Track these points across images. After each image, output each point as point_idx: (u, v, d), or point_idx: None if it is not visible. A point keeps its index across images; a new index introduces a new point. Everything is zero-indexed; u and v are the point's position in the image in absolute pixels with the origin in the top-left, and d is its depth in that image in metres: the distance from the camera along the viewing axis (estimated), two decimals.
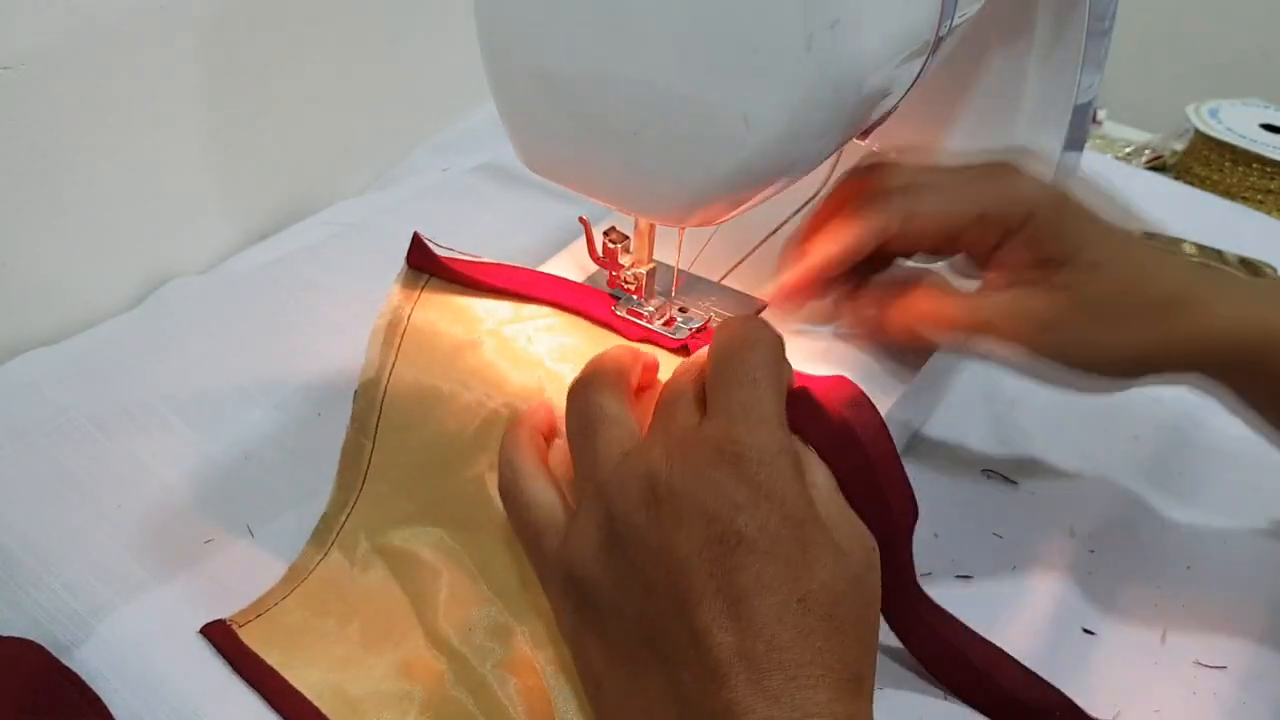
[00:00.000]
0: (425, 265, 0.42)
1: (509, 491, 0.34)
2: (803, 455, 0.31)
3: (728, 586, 0.28)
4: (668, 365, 0.39)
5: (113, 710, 0.36)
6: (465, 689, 0.36)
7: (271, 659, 0.37)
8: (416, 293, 0.42)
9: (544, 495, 0.33)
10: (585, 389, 0.34)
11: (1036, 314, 0.39)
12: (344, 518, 0.41)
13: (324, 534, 0.41)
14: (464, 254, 0.42)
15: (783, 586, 0.28)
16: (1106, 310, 0.39)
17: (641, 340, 0.41)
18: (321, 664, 0.37)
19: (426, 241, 0.41)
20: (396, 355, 0.40)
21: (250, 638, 0.38)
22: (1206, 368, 0.40)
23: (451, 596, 0.38)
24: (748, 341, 0.32)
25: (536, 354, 0.40)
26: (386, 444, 0.40)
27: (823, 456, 0.32)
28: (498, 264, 0.43)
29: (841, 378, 0.35)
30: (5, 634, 0.38)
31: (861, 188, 0.42)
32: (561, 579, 0.31)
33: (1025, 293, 0.39)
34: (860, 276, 0.43)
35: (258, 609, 0.39)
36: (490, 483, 0.37)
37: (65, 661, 0.37)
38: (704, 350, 0.34)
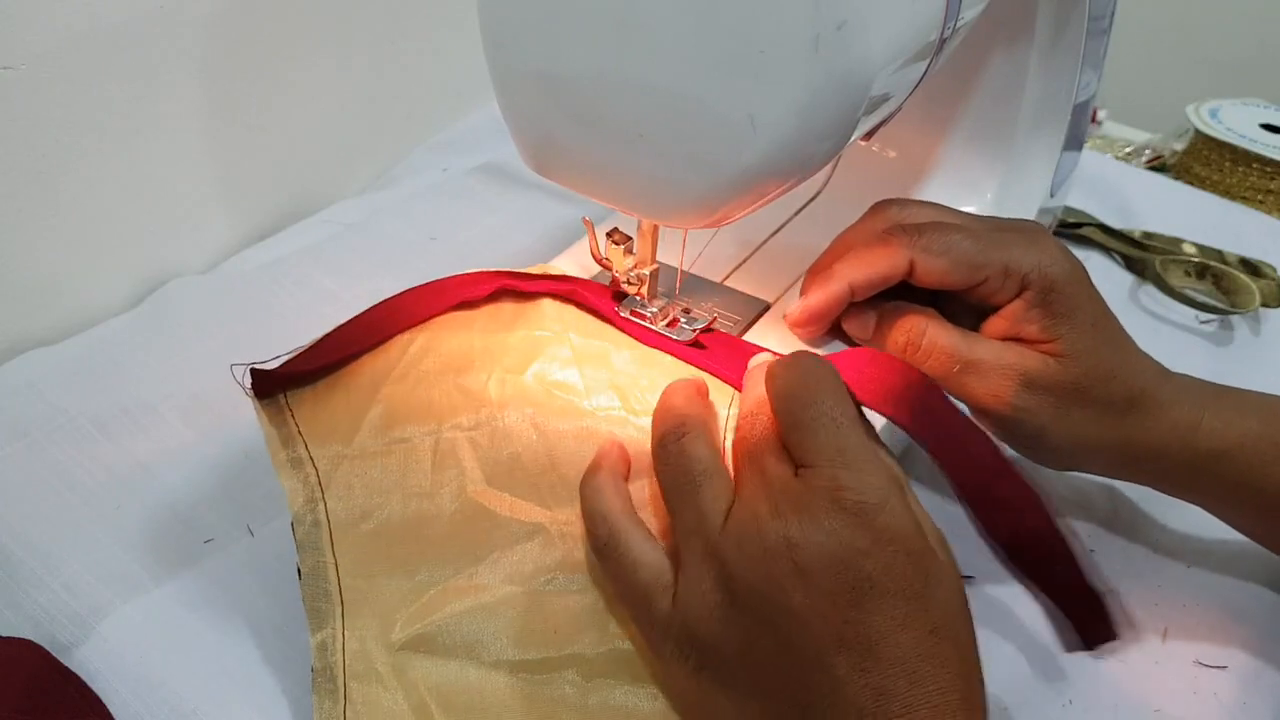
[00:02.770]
0: (273, 387, 0.39)
1: (609, 551, 0.33)
2: (901, 480, 0.32)
3: (865, 632, 0.28)
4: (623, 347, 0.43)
5: (113, 710, 0.36)
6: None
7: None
8: (287, 411, 0.39)
9: (650, 554, 0.33)
10: (679, 441, 0.34)
11: (1025, 369, 0.40)
12: (341, 652, 0.35)
13: (321, 683, 0.34)
14: (291, 351, 0.40)
15: (915, 622, 0.29)
16: (1072, 395, 0.40)
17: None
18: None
19: (259, 368, 0.38)
20: (315, 467, 0.38)
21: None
22: (1162, 476, 0.42)
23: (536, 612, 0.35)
24: (811, 381, 0.33)
25: (436, 369, 0.40)
26: (347, 546, 0.36)
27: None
28: (332, 333, 0.40)
29: (866, 351, 0.38)
30: (5, 634, 0.38)
31: (886, 218, 0.43)
32: (679, 640, 0.31)
33: (1020, 348, 0.40)
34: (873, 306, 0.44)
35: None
36: (479, 497, 0.37)
37: (65, 661, 0.37)
38: (757, 391, 0.34)
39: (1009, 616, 0.42)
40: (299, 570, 0.36)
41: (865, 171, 0.56)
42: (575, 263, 0.49)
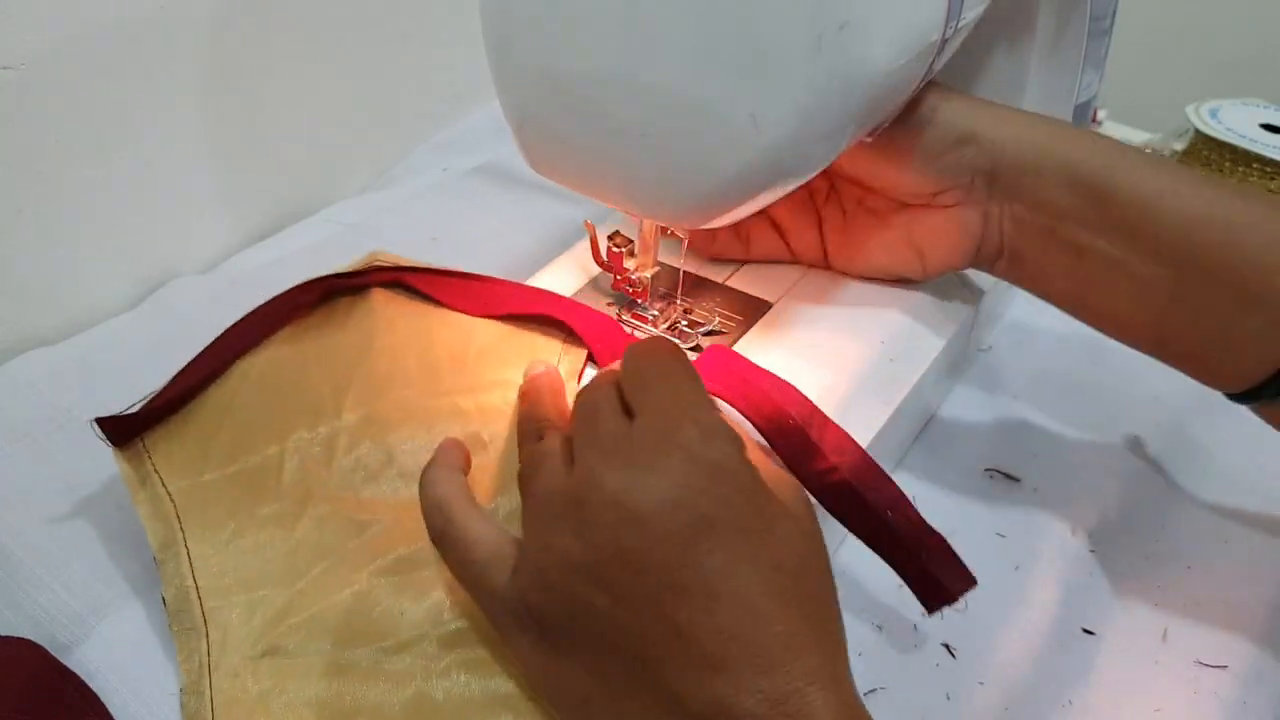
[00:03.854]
0: (129, 431, 0.41)
1: (444, 535, 0.33)
2: (735, 428, 0.32)
3: (703, 573, 0.28)
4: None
5: (112, 710, 0.36)
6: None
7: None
8: (145, 454, 0.41)
9: (486, 532, 0.33)
10: (537, 443, 0.34)
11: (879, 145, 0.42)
12: (206, 671, 0.35)
13: (195, 684, 0.35)
14: (144, 397, 0.41)
15: (756, 557, 0.28)
16: (905, 144, 0.42)
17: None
18: None
19: (105, 417, 0.40)
20: (172, 500, 0.39)
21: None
22: (994, 184, 0.43)
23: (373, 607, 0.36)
24: (658, 349, 0.33)
25: (274, 385, 0.41)
26: (206, 569, 0.38)
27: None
28: (178, 375, 0.42)
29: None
30: (5, 634, 0.38)
31: None
32: (518, 611, 0.31)
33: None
34: None
35: None
36: (335, 504, 0.38)
37: (65, 661, 0.37)
38: (614, 365, 0.35)
39: (1010, 616, 0.42)
40: (163, 599, 0.37)
41: None
42: (576, 263, 0.49)
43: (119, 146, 0.53)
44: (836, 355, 0.45)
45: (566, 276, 0.48)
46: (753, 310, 0.47)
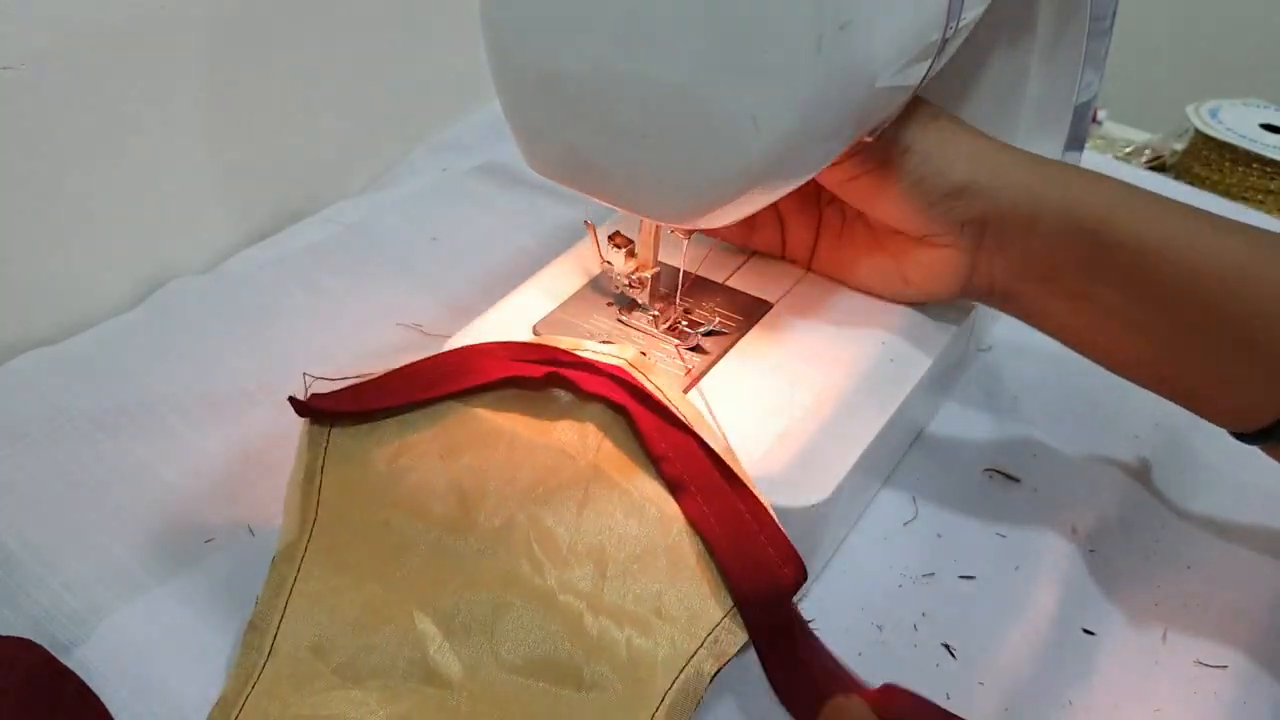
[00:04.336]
0: (322, 410, 0.39)
1: None
2: None
3: None
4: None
5: (112, 710, 0.36)
6: None
7: None
8: (324, 441, 0.39)
9: None
10: None
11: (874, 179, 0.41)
12: (248, 686, 0.36)
13: (226, 707, 0.35)
14: (360, 376, 0.40)
15: None
16: (897, 186, 0.41)
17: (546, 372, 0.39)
18: None
19: (310, 391, 0.39)
20: (317, 513, 0.38)
21: None
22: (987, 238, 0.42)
23: None
24: None
25: (455, 473, 0.38)
26: (300, 607, 0.37)
27: None
28: (392, 373, 0.40)
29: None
30: (5, 634, 0.38)
31: None
32: None
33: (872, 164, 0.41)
34: None
35: None
36: (419, 621, 0.36)
37: (65, 661, 0.37)
38: None
39: (1010, 616, 0.42)
40: (256, 599, 0.37)
41: None
42: (576, 264, 0.49)
43: (119, 146, 0.53)
44: (836, 355, 0.45)
45: (566, 276, 0.48)
46: (753, 310, 0.47)
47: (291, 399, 0.39)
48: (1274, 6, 1.01)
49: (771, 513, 0.37)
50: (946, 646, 0.41)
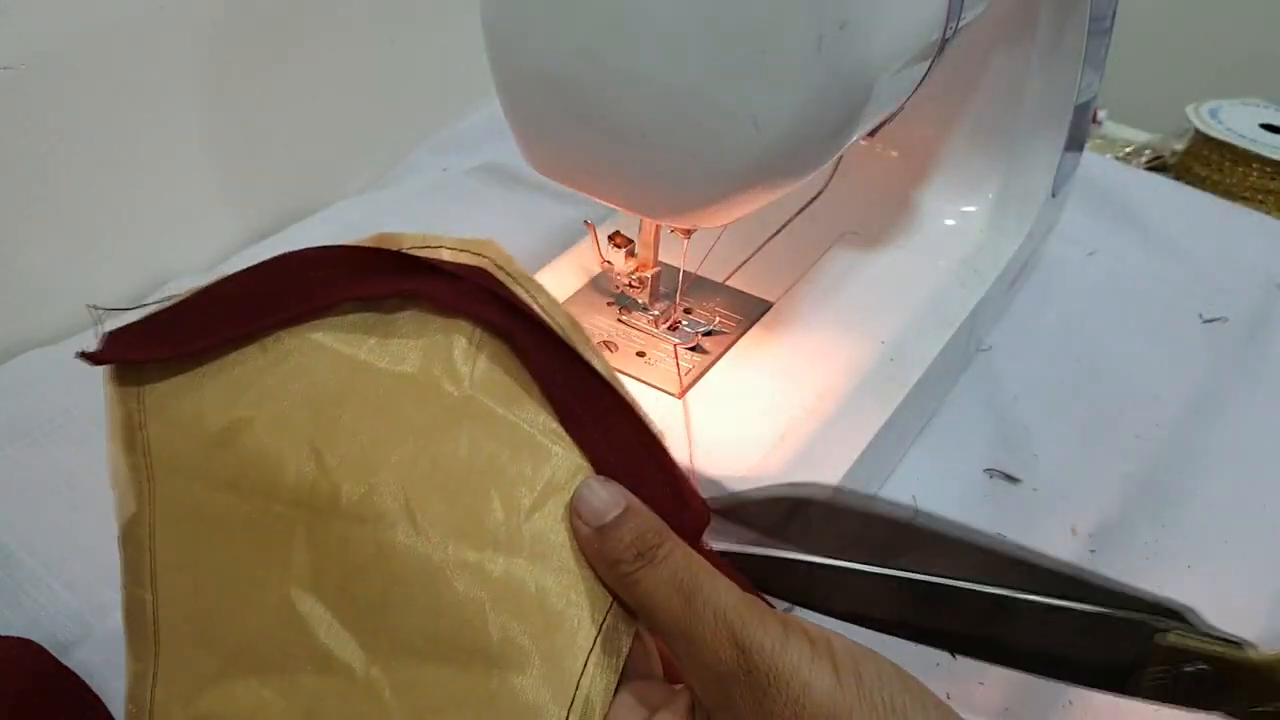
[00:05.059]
0: (126, 360, 0.33)
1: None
2: None
3: None
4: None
5: (112, 710, 0.36)
6: None
7: None
8: (138, 397, 0.33)
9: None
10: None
11: None
12: (150, 692, 0.32)
13: (136, 716, 0.32)
14: (160, 302, 0.33)
15: None
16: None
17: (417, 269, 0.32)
18: None
19: (102, 332, 0.33)
20: (150, 479, 0.32)
21: None
22: None
23: None
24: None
25: (303, 423, 0.32)
26: (169, 591, 0.32)
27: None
28: (201, 294, 0.33)
29: None
30: (5, 634, 0.38)
31: None
32: None
33: None
34: None
35: None
36: (300, 603, 0.31)
37: (65, 660, 0.37)
38: None
39: None
40: (122, 584, 0.32)
41: (867, 171, 0.56)
42: (576, 263, 0.49)
43: (119, 146, 0.53)
44: (836, 355, 0.45)
45: (566, 276, 0.48)
46: (753, 310, 0.47)
47: (80, 353, 0.33)
48: (1274, 6, 1.01)
49: (667, 447, 0.31)
50: None
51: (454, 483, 0.31)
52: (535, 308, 0.32)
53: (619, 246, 0.44)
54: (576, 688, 0.29)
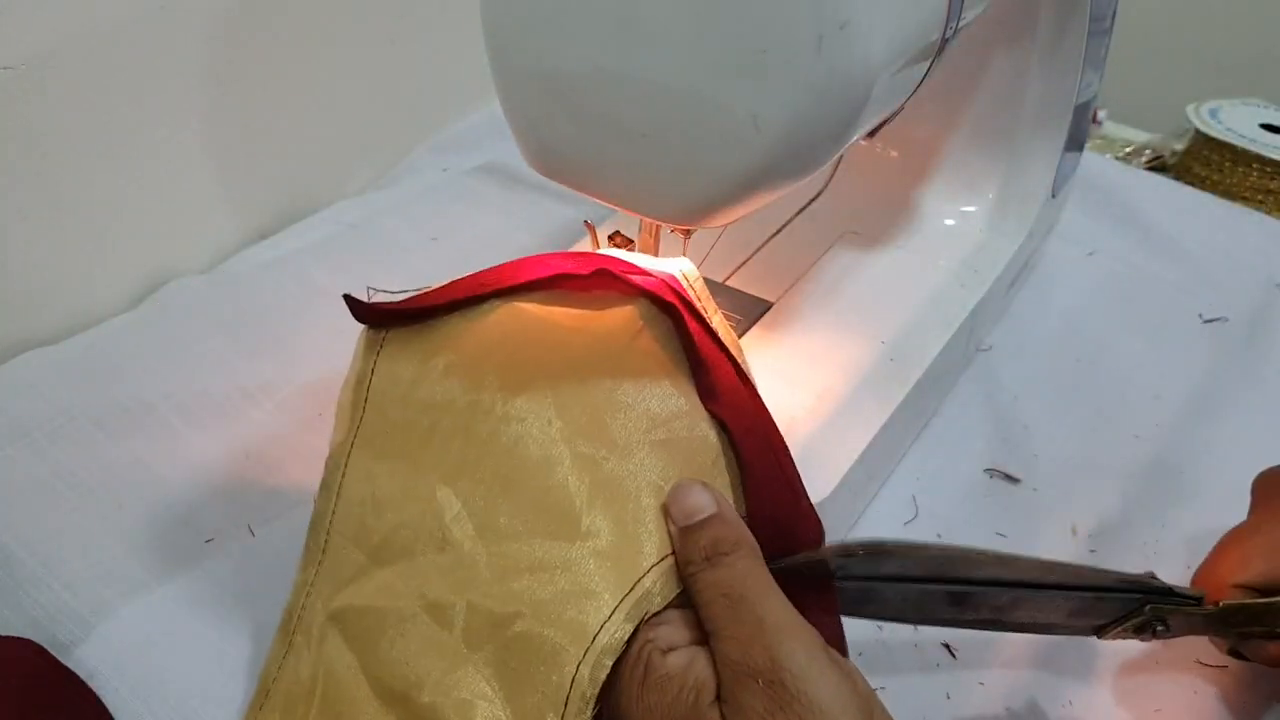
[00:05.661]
0: (375, 318, 0.39)
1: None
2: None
3: None
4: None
5: (112, 710, 0.36)
6: None
7: None
8: (377, 347, 0.39)
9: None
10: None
11: None
12: (302, 600, 0.37)
13: (286, 623, 0.37)
14: (418, 290, 0.40)
15: None
16: None
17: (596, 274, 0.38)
18: None
19: (363, 300, 0.39)
20: (364, 412, 0.38)
21: None
22: None
23: (399, 641, 0.34)
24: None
25: (490, 359, 0.37)
26: (347, 503, 0.38)
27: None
28: (448, 284, 0.39)
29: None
30: (5, 634, 0.38)
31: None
32: None
33: None
34: None
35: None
36: (439, 491, 0.35)
37: (65, 661, 0.37)
38: None
39: None
40: (315, 500, 0.38)
41: (867, 171, 0.56)
42: None
43: (119, 146, 0.53)
44: (836, 355, 0.45)
45: None
46: (753, 310, 0.47)
47: (347, 297, 0.39)
48: (1274, 6, 1.01)
49: (793, 461, 0.36)
50: (946, 646, 0.41)
51: (595, 400, 0.35)
52: (705, 312, 0.37)
53: (619, 246, 0.44)
54: (639, 581, 0.32)
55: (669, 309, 0.37)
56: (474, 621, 0.33)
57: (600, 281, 0.38)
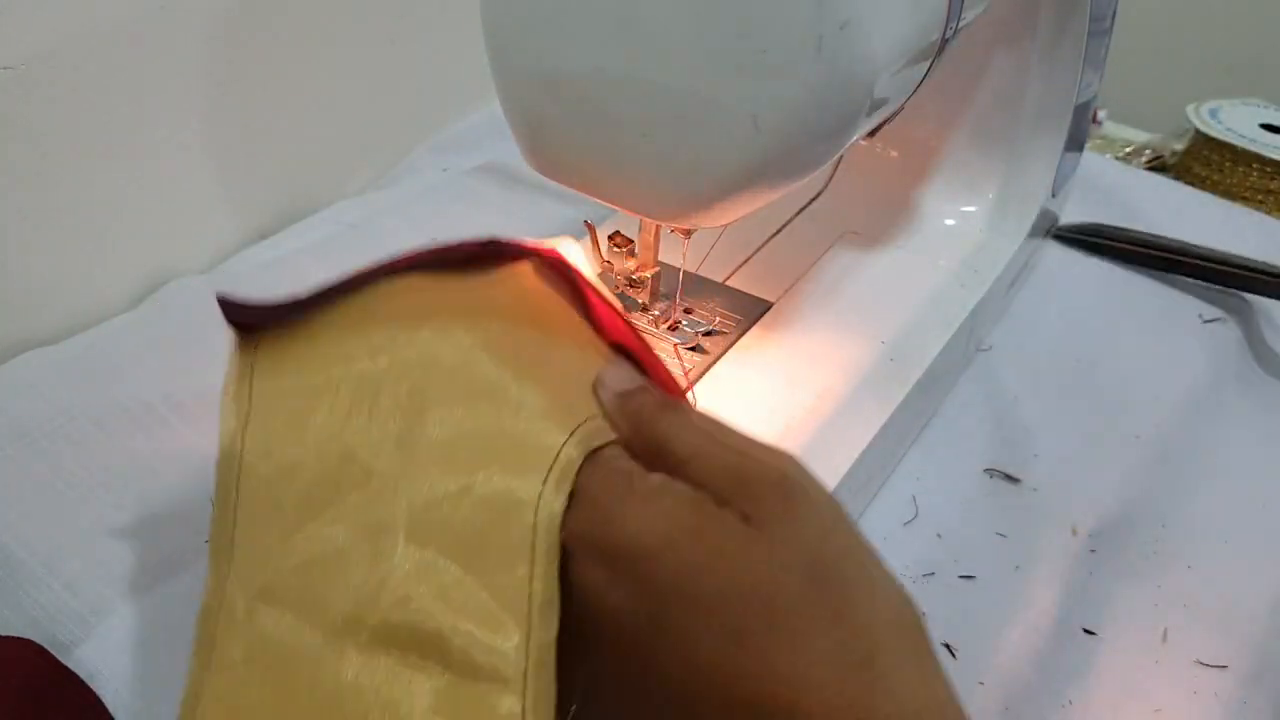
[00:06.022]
0: (246, 320, 0.38)
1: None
2: None
3: None
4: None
5: (112, 710, 0.36)
6: (381, 648, 0.31)
7: None
8: (253, 350, 0.38)
9: None
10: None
11: None
12: (222, 592, 0.35)
13: (203, 632, 0.34)
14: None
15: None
16: None
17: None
18: None
19: (232, 300, 0.37)
20: (250, 402, 0.37)
21: None
22: None
23: (339, 576, 0.32)
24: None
25: (378, 324, 0.36)
26: (251, 489, 0.35)
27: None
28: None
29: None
30: (5, 634, 0.38)
31: None
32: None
33: None
34: None
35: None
36: (353, 441, 0.33)
37: (65, 661, 0.37)
38: None
39: (1011, 616, 0.42)
40: (212, 502, 0.35)
41: (867, 171, 0.56)
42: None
43: (119, 146, 0.53)
44: (836, 355, 0.45)
45: None
46: (753, 310, 0.47)
47: (224, 303, 0.37)
48: (1274, 6, 1.01)
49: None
50: (947, 646, 0.41)
51: (498, 319, 0.35)
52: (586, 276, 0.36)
53: (619, 246, 0.44)
54: (581, 425, 0.31)
55: (557, 264, 0.36)
56: (418, 517, 0.32)
57: (487, 249, 0.37)
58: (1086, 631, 0.42)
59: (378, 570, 0.32)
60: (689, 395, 0.39)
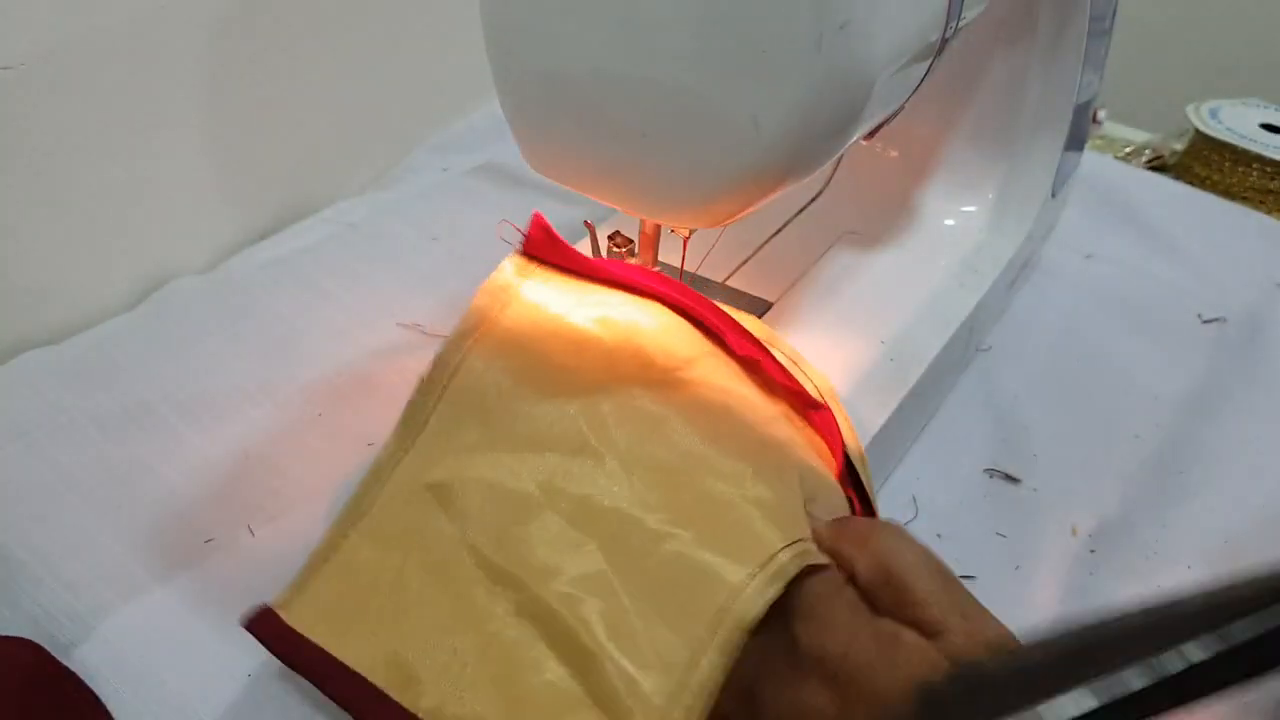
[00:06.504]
0: (540, 254, 0.42)
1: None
2: None
3: None
4: None
5: (112, 710, 0.36)
6: (529, 619, 0.33)
7: (319, 636, 0.34)
8: (527, 268, 0.41)
9: None
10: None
11: None
12: (393, 467, 0.37)
13: (379, 472, 0.37)
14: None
15: None
16: None
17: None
18: (372, 627, 0.34)
19: (549, 228, 0.41)
20: (498, 319, 0.39)
21: (297, 619, 0.35)
22: None
23: (518, 527, 0.34)
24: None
25: (637, 344, 0.38)
26: (465, 383, 0.38)
27: None
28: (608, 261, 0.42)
29: None
30: (5, 634, 0.38)
31: None
32: None
33: None
34: None
35: (298, 586, 0.36)
36: (601, 404, 0.36)
37: (65, 661, 0.37)
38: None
39: (1011, 616, 0.42)
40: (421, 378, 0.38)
41: (867, 171, 0.56)
42: None
43: (119, 146, 0.53)
44: (836, 355, 0.45)
45: None
46: (752, 310, 0.47)
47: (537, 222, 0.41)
48: (1274, 6, 1.01)
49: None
50: None
51: (757, 411, 0.38)
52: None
53: (619, 246, 0.44)
54: (798, 541, 0.32)
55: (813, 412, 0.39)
56: (617, 530, 0.33)
57: (750, 366, 0.40)
58: None
59: (557, 551, 0.33)
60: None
